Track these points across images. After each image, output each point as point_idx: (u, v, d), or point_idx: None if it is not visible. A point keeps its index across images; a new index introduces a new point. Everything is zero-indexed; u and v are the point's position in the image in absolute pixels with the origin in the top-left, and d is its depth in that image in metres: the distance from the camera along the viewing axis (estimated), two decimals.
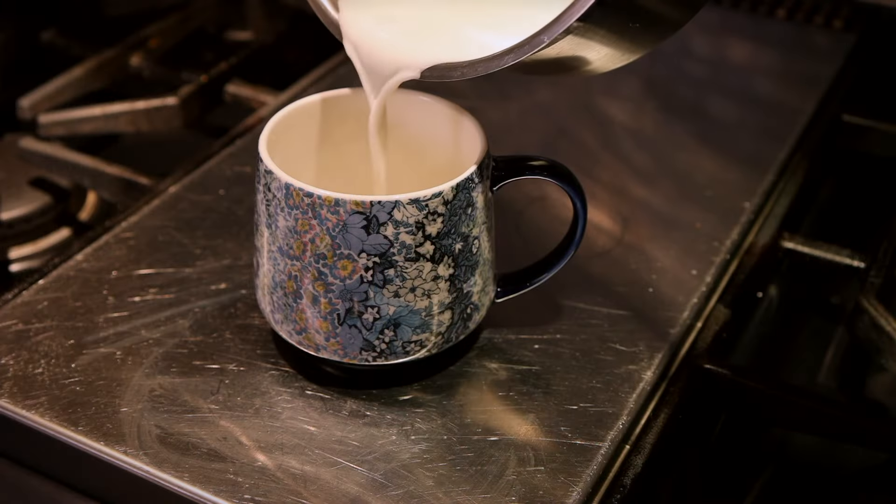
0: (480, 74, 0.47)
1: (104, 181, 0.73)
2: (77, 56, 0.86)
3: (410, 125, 0.56)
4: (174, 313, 0.57)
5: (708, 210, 0.66)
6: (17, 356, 0.54)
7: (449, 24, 0.51)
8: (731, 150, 0.71)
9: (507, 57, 0.46)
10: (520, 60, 0.45)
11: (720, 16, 0.87)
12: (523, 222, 0.64)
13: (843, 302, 0.68)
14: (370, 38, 0.51)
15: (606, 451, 0.50)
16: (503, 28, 0.49)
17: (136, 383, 0.53)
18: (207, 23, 0.95)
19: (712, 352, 0.57)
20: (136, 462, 0.49)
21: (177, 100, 0.79)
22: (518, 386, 0.53)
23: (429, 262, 0.49)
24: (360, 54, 0.51)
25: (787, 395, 0.57)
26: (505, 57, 0.46)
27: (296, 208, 0.49)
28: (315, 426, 0.51)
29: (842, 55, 0.82)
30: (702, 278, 0.60)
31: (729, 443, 0.61)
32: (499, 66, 0.46)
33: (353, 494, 0.48)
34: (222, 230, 0.62)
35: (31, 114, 0.80)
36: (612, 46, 0.47)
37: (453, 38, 0.50)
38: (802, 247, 0.65)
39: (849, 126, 0.78)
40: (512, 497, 0.48)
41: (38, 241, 0.74)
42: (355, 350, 0.51)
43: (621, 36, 0.46)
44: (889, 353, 0.58)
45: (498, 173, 0.52)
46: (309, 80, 0.77)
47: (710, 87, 0.79)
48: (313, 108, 0.55)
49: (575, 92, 0.78)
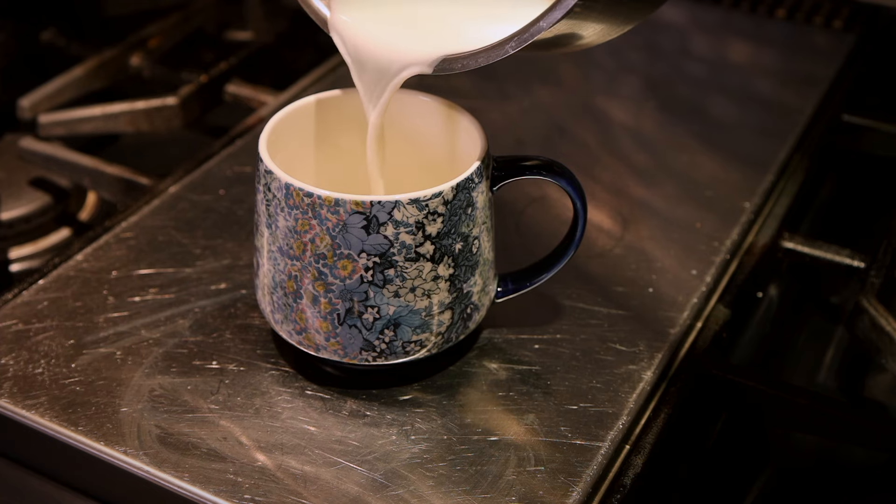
0: (483, 65, 0.47)
1: (104, 181, 0.73)
2: (77, 56, 0.86)
3: (410, 125, 0.56)
4: (174, 313, 0.57)
5: (708, 210, 0.66)
6: (17, 356, 0.54)
7: (446, 16, 0.50)
8: (731, 150, 0.71)
9: (508, 45, 0.45)
10: (521, 48, 0.45)
11: (720, 16, 0.87)
12: (523, 222, 0.64)
13: (843, 302, 0.68)
14: (372, 38, 0.50)
15: (606, 451, 0.50)
16: (499, 15, 0.49)
17: (136, 383, 0.53)
18: (207, 23, 0.95)
19: (712, 352, 0.57)
20: (136, 462, 0.49)
21: (177, 100, 0.79)
22: (518, 386, 0.53)
23: (429, 262, 0.49)
24: (363, 55, 0.51)
25: (787, 395, 0.57)
26: (506, 46, 0.46)
27: (296, 208, 0.49)
28: (315, 426, 0.51)
29: (842, 55, 0.82)
30: (702, 278, 0.60)
31: (729, 443, 0.61)
32: (500, 56, 0.46)
33: (353, 494, 0.48)
34: (222, 230, 0.62)
35: (31, 114, 0.79)
36: (608, 21, 0.47)
37: (453, 29, 0.50)
38: (802, 247, 0.65)
39: (849, 126, 0.78)
40: (512, 497, 0.48)
41: (38, 241, 0.74)
42: (355, 350, 0.51)
43: (617, 10, 0.46)
44: (889, 353, 0.58)
45: (498, 173, 0.52)
46: (309, 80, 0.77)
47: (710, 87, 0.79)
48: (313, 108, 0.55)
49: (575, 92, 0.78)
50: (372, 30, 0.51)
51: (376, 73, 0.50)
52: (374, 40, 0.50)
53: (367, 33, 0.51)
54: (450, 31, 0.49)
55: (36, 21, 0.92)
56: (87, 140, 0.81)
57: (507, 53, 0.46)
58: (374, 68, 0.50)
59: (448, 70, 0.48)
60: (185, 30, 0.92)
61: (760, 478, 0.60)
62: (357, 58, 0.51)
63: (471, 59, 0.47)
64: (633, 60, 0.81)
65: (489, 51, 0.46)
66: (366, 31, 0.51)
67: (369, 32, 0.51)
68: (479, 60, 0.47)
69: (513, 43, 0.45)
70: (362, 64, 0.51)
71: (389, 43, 0.50)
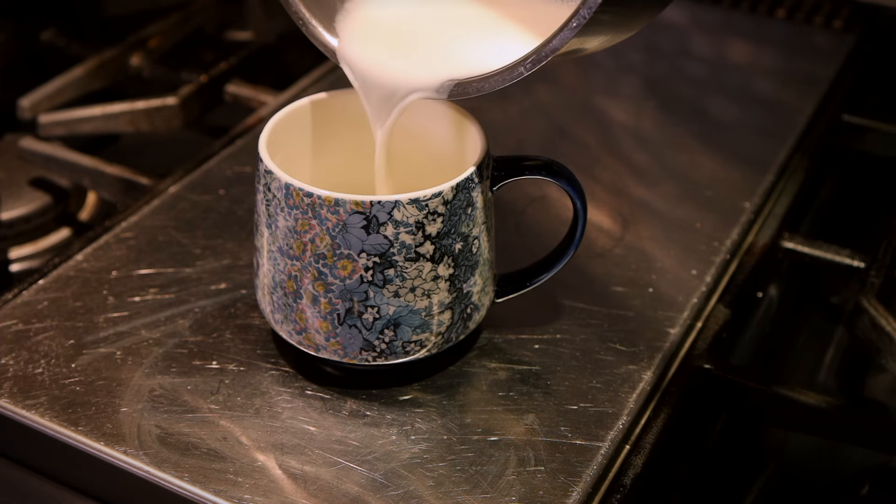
0: (497, 88, 0.48)
1: (104, 181, 0.73)
2: (77, 56, 0.86)
3: (410, 125, 0.56)
4: (174, 313, 0.57)
5: (708, 210, 0.66)
6: (17, 356, 0.54)
7: (452, 41, 0.51)
8: (731, 150, 0.71)
9: (521, 67, 0.46)
10: (536, 69, 0.45)
11: (720, 16, 0.87)
12: (523, 222, 0.64)
13: (843, 302, 0.68)
14: (380, 65, 0.51)
15: (606, 451, 0.50)
16: (508, 35, 0.49)
17: (136, 383, 0.53)
18: (207, 23, 0.95)
19: (712, 352, 0.57)
20: (136, 462, 0.49)
21: (177, 100, 0.79)
22: (518, 386, 0.53)
23: (429, 262, 0.49)
24: (372, 82, 0.51)
25: (787, 395, 0.57)
26: (519, 67, 0.46)
27: (296, 208, 0.49)
28: (315, 426, 0.51)
29: (842, 55, 0.82)
30: (702, 278, 0.60)
31: (729, 443, 0.61)
32: (515, 78, 0.47)
33: (353, 494, 0.48)
34: (222, 230, 0.62)
35: (31, 114, 0.79)
36: (615, 31, 0.47)
37: (458, 54, 0.50)
38: (802, 247, 0.65)
39: (849, 126, 0.78)
40: (512, 497, 0.48)
41: (38, 241, 0.74)
42: (355, 350, 0.51)
43: (623, 20, 0.47)
44: (889, 353, 0.58)
45: (498, 173, 0.52)
46: (309, 80, 0.77)
47: (710, 87, 0.79)
48: (313, 108, 0.55)
49: (575, 92, 0.78)
50: (379, 58, 0.51)
51: (384, 97, 0.51)
52: (382, 68, 0.51)
53: (374, 61, 0.51)
54: (455, 55, 0.50)
55: (36, 21, 0.92)
56: (87, 140, 0.81)
57: (522, 75, 0.46)
58: (381, 94, 0.51)
59: (462, 94, 0.49)
60: (185, 30, 0.92)
61: (760, 478, 0.60)
62: (366, 85, 0.51)
63: (485, 82, 0.48)
64: (633, 60, 0.81)
65: (503, 73, 0.47)
66: (373, 60, 0.51)
67: (377, 60, 0.51)
68: (493, 83, 0.48)
69: (528, 64, 0.46)
70: (371, 90, 0.51)
71: (396, 70, 0.50)
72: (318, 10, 0.52)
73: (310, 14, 0.52)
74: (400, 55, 0.51)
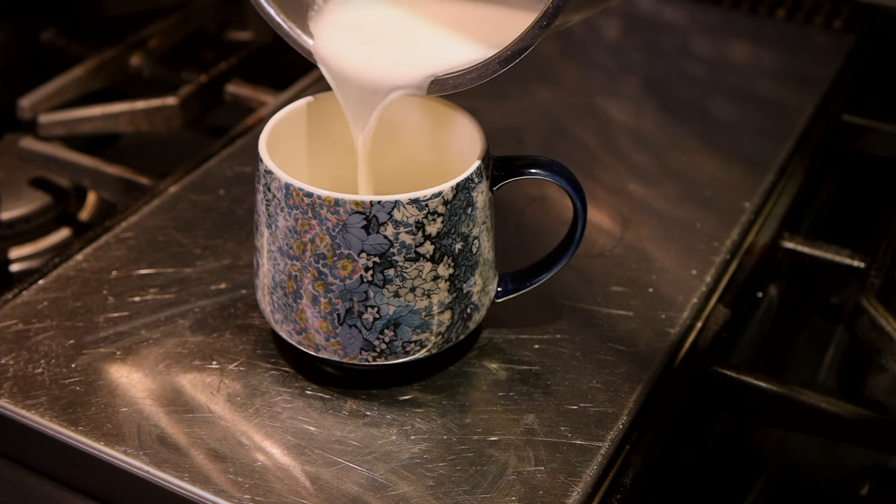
0: (474, 84, 0.48)
1: (104, 181, 0.73)
2: (77, 56, 0.86)
3: (410, 125, 0.56)
4: (174, 313, 0.57)
5: (708, 210, 0.66)
6: (17, 356, 0.54)
7: (428, 37, 0.51)
8: (731, 150, 0.71)
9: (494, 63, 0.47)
10: (509, 67, 0.46)
11: (720, 16, 0.87)
12: (523, 222, 0.64)
13: (843, 302, 0.68)
14: (358, 63, 0.51)
15: (606, 451, 0.50)
16: (483, 31, 0.49)
17: (136, 383, 0.53)
18: (207, 23, 0.95)
19: (712, 352, 0.57)
20: (136, 462, 0.49)
21: (177, 100, 0.79)
22: (518, 386, 0.53)
23: (429, 262, 0.49)
24: (350, 81, 0.51)
25: (787, 394, 0.57)
26: (492, 64, 0.47)
27: (296, 208, 0.49)
28: (315, 426, 0.51)
29: (842, 55, 0.82)
30: (702, 278, 0.60)
31: (729, 443, 0.61)
32: (490, 75, 0.47)
33: (353, 494, 0.48)
34: (222, 230, 0.62)
35: (31, 114, 0.79)
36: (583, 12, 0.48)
37: (436, 50, 0.50)
38: (802, 247, 0.65)
39: (849, 126, 0.78)
40: (512, 497, 0.48)
41: (38, 241, 0.74)
42: (355, 350, 0.51)
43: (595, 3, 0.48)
44: (889, 353, 0.58)
45: (498, 173, 0.52)
46: (309, 80, 0.77)
47: (710, 87, 0.79)
48: (313, 108, 0.55)
49: (575, 92, 0.78)
50: (358, 56, 0.51)
51: (363, 97, 0.51)
52: (360, 65, 0.50)
53: (351, 59, 0.51)
54: (433, 51, 0.50)
55: (36, 21, 0.92)
56: (87, 140, 0.81)
57: (498, 72, 0.47)
58: (360, 94, 0.51)
59: (440, 90, 0.49)
60: (185, 30, 0.92)
61: (760, 478, 0.60)
62: (344, 84, 0.51)
63: (461, 77, 0.48)
64: (633, 60, 0.81)
65: (479, 69, 0.48)
66: (350, 58, 0.51)
67: (354, 58, 0.51)
68: (469, 78, 0.48)
69: (501, 62, 0.47)
70: (349, 90, 0.51)
71: (375, 68, 0.50)
72: (291, 11, 0.52)
73: (283, 16, 0.52)
74: (379, 52, 0.51)
